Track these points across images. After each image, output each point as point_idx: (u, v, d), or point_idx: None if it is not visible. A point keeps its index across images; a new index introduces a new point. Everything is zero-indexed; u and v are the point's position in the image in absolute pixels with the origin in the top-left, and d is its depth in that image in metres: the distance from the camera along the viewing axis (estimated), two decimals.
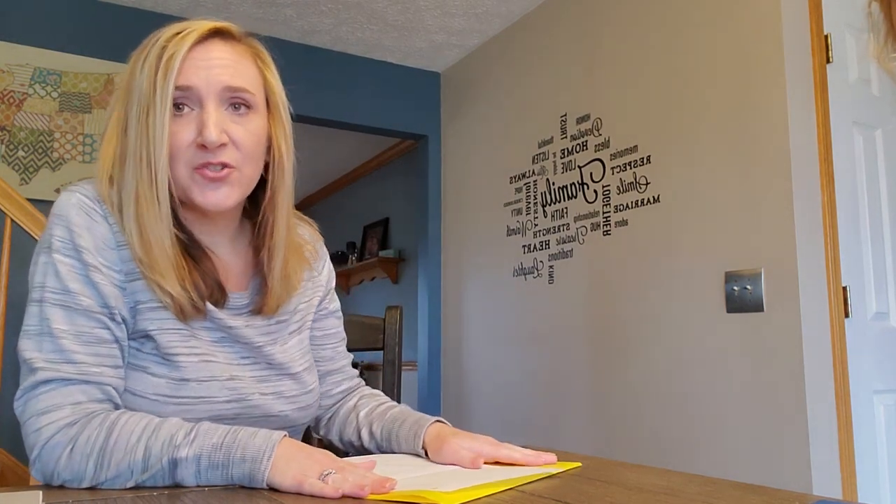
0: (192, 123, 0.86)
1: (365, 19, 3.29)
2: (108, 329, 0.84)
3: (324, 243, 1.13)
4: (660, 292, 2.41)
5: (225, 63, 0.89)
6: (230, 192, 0.89)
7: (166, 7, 3.09)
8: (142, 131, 0.85)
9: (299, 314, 1.03)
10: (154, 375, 0.86)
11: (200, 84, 0.87)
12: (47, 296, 0.82)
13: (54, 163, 2.90)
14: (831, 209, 2.06)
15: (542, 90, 3.10)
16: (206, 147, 0.85)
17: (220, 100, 0.88)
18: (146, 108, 0.85)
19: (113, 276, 0.85)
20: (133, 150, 0.85)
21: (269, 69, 0.96)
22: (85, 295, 0.83)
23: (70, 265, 0.83)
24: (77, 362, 0.81)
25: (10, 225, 2.09)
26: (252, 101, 0.91)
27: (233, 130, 0.88)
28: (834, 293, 2.03)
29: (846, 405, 1.99)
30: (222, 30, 0.92)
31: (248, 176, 0.91)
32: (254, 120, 0.91)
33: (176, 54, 0.86)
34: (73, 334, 0.82)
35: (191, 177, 0.87)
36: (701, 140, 2.31)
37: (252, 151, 0.90)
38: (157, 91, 0.84)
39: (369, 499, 0.71)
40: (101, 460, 0.77)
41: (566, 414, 2.79)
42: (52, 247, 0.83)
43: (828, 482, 1.93)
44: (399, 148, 5.07)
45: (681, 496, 0.69)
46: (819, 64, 2.10)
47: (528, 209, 3.14)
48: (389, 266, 5.04)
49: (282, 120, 0.95)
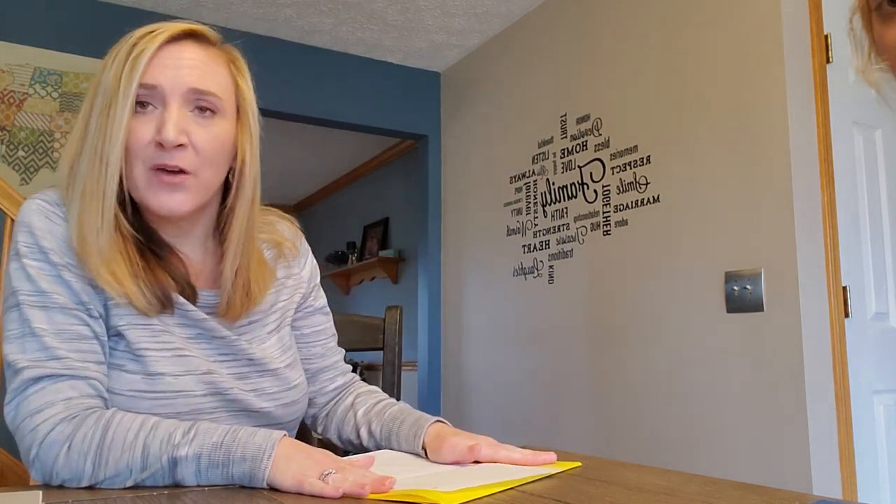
0: (153, 122, 0.85)
1: (365, 19, 3.29)
2: (87, 325, 0.84)
3: (305, 240, 1.12)
4: (660, 292, 2.42)
5: (194, 65, 0.88)
6: (185, 199, 0.87)
7: (167, 7, 3.09)
8: (100, 126, 0.84)
9: (277, 313, 1.02)
10: (128, 372, 0.86)
11: (166, 84, 0.86)
12: (23, 299, 0.82)
13: (55, 163, 2.90)
14: (831, 209, 2.06)
15: (542, 90, 3.10)
16: (164, 146, 0.84)
17: (185, 101, 0.87)
18: (108, 104, 0.84)
19: (79, 274, 0.85)
20: (90, 144, 0.85)
21: (241, 76, 0.95)
22: (58, 293, 0.83)
23: (39, 267, 0.84)
24: (62, 358, 0.81)
25: (11, 225, 2.09)
26: (218, 106, 0.89)
27: (194, 132, 0.87)
28: (834, 293, 2.03)
29: (846, 405, 1.99)
30: (196, 32, 0.91)
31: (206, 181, 0.89)
32: (219, 124, 0.90)
33: (144, 52, 0.85)
34: (54, 332, 0.82)
35: (146, 178, 0.86)
36: (701, 140, 2.31)
37: (212, 156, 0.88)
38: (122, 87, 0.84)
39: (370, 498, 0.71)
40: (98, 459, 0.77)
41: (566, 414, 2.79)
42: (20, 252, 0.84)
43: (828, 482, 1.93)
44: (399, 148, 5.07)
45: (681, 496, 0.69)
46: (819, 64, 2.11)
47: (528, 209, 3.14)
48: (389, 266, 5.04)
49: (249, 127, 0.94)
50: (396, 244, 5.17)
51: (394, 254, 5.04)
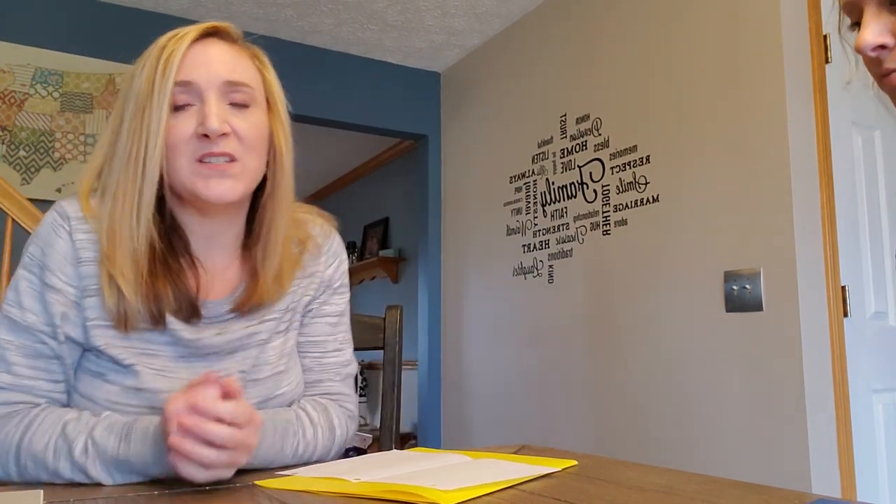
0: (194, 116, 0.86)
1: (365, 19, 3.29)
2: (48, 345, 0.86)
3: (338, 241, 1.08)
4: (659, 292, 2.42)
5: (224, 59, 0.90)
6: (234, 185, 0.88)
7: (167, 7, 3.09)
8: (134, 129, 0.85)
9: (289, 314, 1.00)
10: (108, 382, 0.87)
11: (200, 79, 0.87)
12: (5, 307, 0.87)
13: (55, 163, 2.90)
14: (830, 209, 2.06)
15: (541, 90, 3.11)
16: (209, 136, 0.85)
17: (221, 94, 0.88)
18: (142, 107, 0.85)
19: (69, 292, 0.86)
20: (124, 148, 0.86)
21: (266, 69, 0.97)
22: (33, 312, 0.86)
23: (29, 281, 0.87)
24: (16, 374, 0.85)
25: (11, 225, 2.10)
26: (252, 97, 0.91)
27: (234, 122, 0.88)
28: (833, 293, 2.03)
29: (845, 404, 1.99)
30: (220, 29, 0.93)
31: (252, 168, 0.90)
32: (255, 114, 0.91)
33: (175, 52, 0.86)
34: (16, 346, 0.86)
35: (193, 169, 0.86)
36: (700, 140, 2.31)
37: (255, 143, 0.90)
38: (156, 88, 0.85)
39: (365, 493, 0.71)
40: (19, 459, 0.81)
41: (565, 413, 2.80)
42: (23, 262, 0.89)
43: (827, 481, 1.93)
44: (399, 148, 5.07)
45: (680, 495, 0.69)
46: (818, 64, 2.11)
47: (527, 209, 3.14)
48: (389, 266, 5.04)
49: (281, 117, 0.95)
50: (396, 244, 5.17)
51: (394, 253, 5.04)
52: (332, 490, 0.74)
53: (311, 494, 0.73)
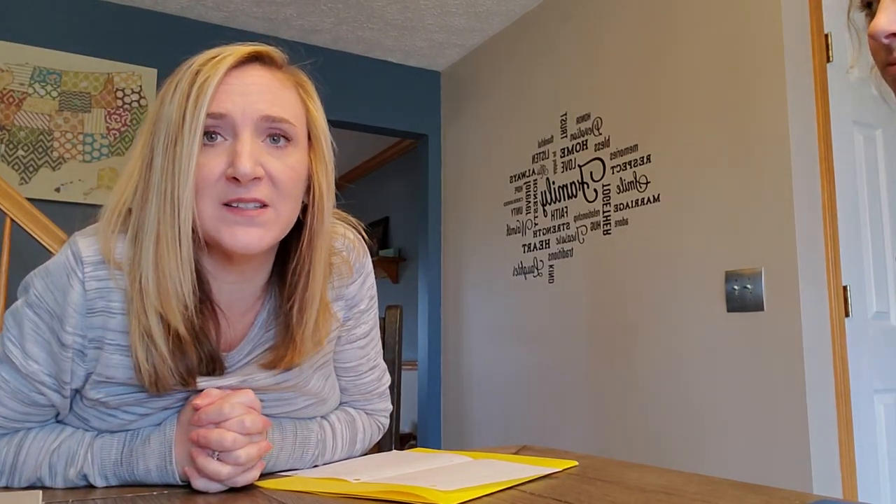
0: (224, 154, 0.77)
1: (365, 19, 3.29)
2: (45, 396, 0.81)
3: (366, 256, 1.00)
4: (660, 291, 2.41)
5: (264, 90, 0.80)
6: (263, 234, 0.78)
7: (165, 6, 3.09)
8: (168, 163, 0.76)
9: (327, 348, 0.93)
10: (112, 416, 0.84)
11: (236, 111, 0.77)
12: (6, 343, 0.81)
13: (54, 162, 2.90)
14: (831, 208, 2.06)
15: (542, 89, 3.10)
16: (239, 180, 0.76)
17: (257, 130, 0.79)
18: (174, 138, 0.76)
19: (77, 342, 0.79)
20: (157, 184, 0.76)
21: (312, 100, 0.88)
22: (37, 361, 0.79)
23: (35, 325, 0.79)
24: (3, 416, 0.81)
25: (10, 224, 2.09)
26: (292, 133, 0.81)
27: (269, 164, 0.78)
28: (834, 292, 2.03)
29: (846, 404, 1.99)
30: (263, 54, 0.84)
31: (284, 216, 0.80)
32: (293, 154, 0.81)
33: (210, 79, 0.77)
34: (11, 389, 0.80)
35: (219, 215, 0.77)
36: (701, 139, 2.31)
37: (289, 188, 0.80)
38: (187, 119, 0.75)
39: (365, 494, 0.71)
40: (12, 479, 0.80)
41: (566, 413, 2.79)
42: (28, 299, 0.80)
43: (828, 481, 1.93)
44: (399, 147, 5.07)
45: (681, 495, 0.69)
46: (819, 63, 2.10)
47: (528, 208, 3.14)
48: (389, 266, 5.04)
49: (323, 156, 0.86)
50: (396, 244, 5.17)
51: (394, 253, 5.04)
52: (332, 490, 0.74)
53: (311, 495, 0.73)
